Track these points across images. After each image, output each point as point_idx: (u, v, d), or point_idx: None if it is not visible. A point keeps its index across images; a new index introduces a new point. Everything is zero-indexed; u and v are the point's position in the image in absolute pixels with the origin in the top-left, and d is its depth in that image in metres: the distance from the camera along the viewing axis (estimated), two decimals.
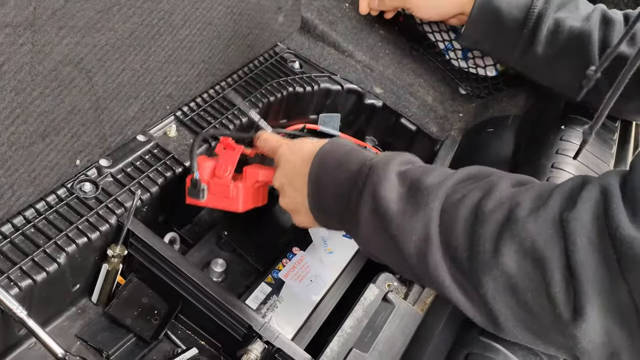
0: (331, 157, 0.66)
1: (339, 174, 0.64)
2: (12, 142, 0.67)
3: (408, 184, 0.59)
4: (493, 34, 0.87)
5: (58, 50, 0.69)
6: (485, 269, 0.51)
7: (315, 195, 0.66)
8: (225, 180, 0.76)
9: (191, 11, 0.87)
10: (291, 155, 0.71)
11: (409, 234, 0.56)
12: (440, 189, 0.57)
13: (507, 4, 0.85)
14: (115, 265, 0.76)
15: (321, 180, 0.66)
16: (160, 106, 0.87)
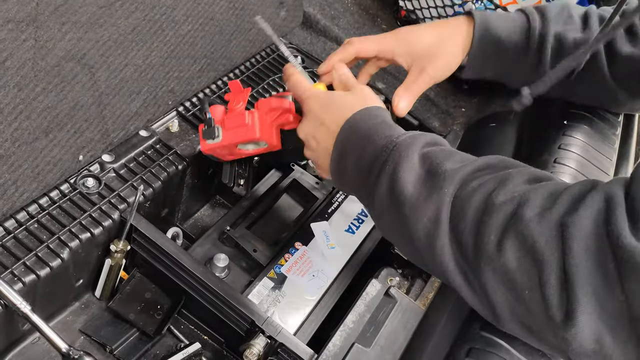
0: (361, 127, 0.66)
1: (365, 146, 0.64)
2: (15, 138, 0.67)
3: (427, 166, 0.60)
4: (497, 62, 0.85)
5: (61, 45, 0.69)
6: (487, 260, 0.52)
7: (339, 162, 0.67)
8: (239, 111, 0.75)
9: (193, 6, 0.87)
10: (320, 112, 0.70)
11: (420, 215, 0.57)
12: (456, 175, 0.57)
13: (506, 31, 0.83)
14: (118, 260, 0.76)
15: (347, 148, 0.66)
16: (162, 101, 0.87)
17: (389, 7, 1.24)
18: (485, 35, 0.83)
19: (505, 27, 0.83)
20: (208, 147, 0.77)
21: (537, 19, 0.83)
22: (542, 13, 0.84)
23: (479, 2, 1.06)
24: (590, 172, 0.84)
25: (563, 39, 0.82)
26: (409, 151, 0.61)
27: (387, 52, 0.82)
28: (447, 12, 1.10)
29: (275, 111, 0.76)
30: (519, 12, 0.86)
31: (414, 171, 0.60)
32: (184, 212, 0.92)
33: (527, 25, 0.84)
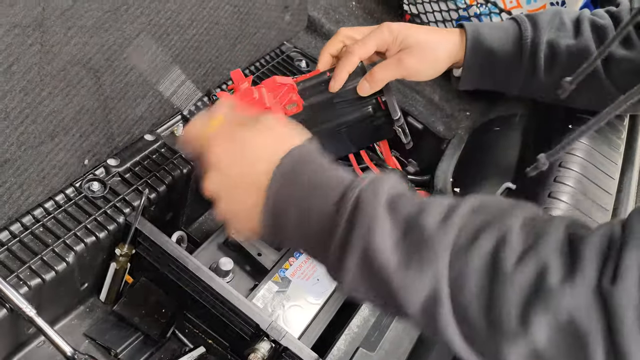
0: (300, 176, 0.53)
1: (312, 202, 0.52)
2: (21, 142, 0.67)
3: (403, 226, 0.49)
4: (491, 73, 0.85)
5: (66, 50, 0.69)
6: (508, 339, 0.45)
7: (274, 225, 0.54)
8: (247, 89, 0.76)
9: (198, 11, 0.87)
10: (229, 163, 0.56)
11: (413, 293, 0.47)
12: (446, 235, 0.47)
13: (498, 40, 0.83)
14: (123, 264, 0.76)
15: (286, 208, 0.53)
16: (167, 105, 0.87)
17: (393, 11, 1.24)
18: (478, 46, 0.82)
19: (497, 36, 0.83)
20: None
21: (528, 28, 0.83)
22: (533, 21, 0.84)
23: (483, 6, 1.06)
24: (595, 175, 0.83)
25: (556, 46, 0.82)
26: (375, 207, 0.49)
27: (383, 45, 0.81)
28: (452, 15, 1.10)
29: (281, 87, 0.77)
30: (511, 20, 0.86)
31: (389, 235, 0.49)
32: (189, 216, 0.92)
33: (519, 34, 0.83)
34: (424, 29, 0.83)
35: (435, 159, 1.00)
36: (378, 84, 0.78)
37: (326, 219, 0.51)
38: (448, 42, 0.83)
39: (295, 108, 0.78)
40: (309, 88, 0.80)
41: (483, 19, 1.07)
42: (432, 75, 0.83)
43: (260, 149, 0.55)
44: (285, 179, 0.53)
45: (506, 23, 0.86)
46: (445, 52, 0.82)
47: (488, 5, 1.05)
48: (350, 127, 0.81)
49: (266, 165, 0.54)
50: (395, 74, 0.79)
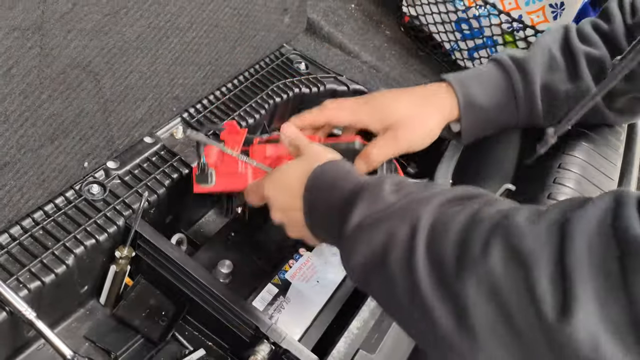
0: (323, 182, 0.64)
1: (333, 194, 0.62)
2: (21, 145, 0.67)
3: (401, 196, 0.57)
4: (491, 126, 0.83)
5: (66, 53, 0.69)
6: (470, 269, 0.48)
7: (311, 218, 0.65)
8: (233, 158, 0.76)
9: (197, 13, 0.87)
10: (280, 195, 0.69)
11: (394, 237, 0.53)
12: (433, 198, 0.55)
13: (491, 99, 0.80)
14: (123, 266, 0.76)
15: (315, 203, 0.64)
16: (167, 108, 0.87)
17: (392, 13, 1.24)
18: (471, 108, 0.80)
19: (489, 95, 0.80)
20: (200, 190, 0.78)
21: (519, 80, 0.80)
22: (523, 69, 0.80)
23: (482, 7, 1.06)
24: (594, 177, 0.83)
25: (553, 91, 0.80)
26: (379, 186, 0.59)
27: (359, 123, 0.80)
28: (451, 17, 1.10)
29: (269, 159, 0.77)
30: (499, 69, 0.81)
31: (387, 200, 0.57)
32: (189, 219, 0.92)
33: (510, 88, 0.80)
34: (407, 100, 0.79)
35: (434, 161, 1.00)
36: (375, 164, 0.77)
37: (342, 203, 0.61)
38: (437, 110, 0.80)
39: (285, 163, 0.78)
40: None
41: (482, 20, 1.07)
42: (429, 142, 0.81)
43: (297, 175, 0.67)
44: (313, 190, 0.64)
45: (495, 74, 0.81)
46: (437, 122, 0.80)
47: (487, 7, 1.05)
48: None
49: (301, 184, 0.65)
50: (393, 152, 0.78)
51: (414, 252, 0.51)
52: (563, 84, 0.79)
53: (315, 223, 0.65)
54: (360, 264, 0.57)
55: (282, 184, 0.69)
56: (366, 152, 0.76)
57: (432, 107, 0.80)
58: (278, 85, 1.00)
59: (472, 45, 1.11)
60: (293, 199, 0.66)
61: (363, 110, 0.79)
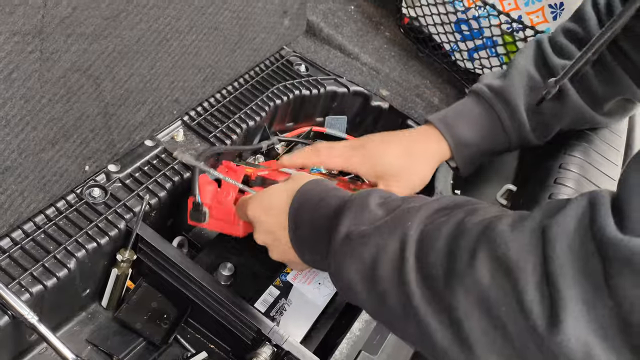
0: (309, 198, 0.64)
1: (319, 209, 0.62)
2: (22, 149, 0.68)
3: (387, 209, 0.57)
4: (486, 155, 0.84)
5: (66, 57, 0.69)
6: (459, 281, 0.47)
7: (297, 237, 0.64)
8: (227, 206, 0.76)
9: (197, 16, 0.87)
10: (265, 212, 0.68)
11: (383, 251, 0.53)
12: (420, 210, 0.54)
13: (480, 135, 0.81)
14: (124, 269, 0.76)
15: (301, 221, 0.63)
16: (167, 111, 0.87)
17: (392, 15, 1.24)
18: (461, 146, 0.81)
19: (477, 133, 0.81)
20: (194, 224, 0.79)
21: (503, 110, 0.80)
22: (505, 100, 0.80)
23: (482, 8, 1.06)
24: (595, 177, 0.83)
25: (537, 111, 0.80)
26: (366, 201, 0.58)
27: (351, 170, 0.81)
28: (450, 18, 1.10)
29: None
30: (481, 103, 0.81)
31: (373, 215, 0.57)
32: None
33: (496, 120, 0.81)
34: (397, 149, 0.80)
35: None
36: None
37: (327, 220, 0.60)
38: (428, 154, 0.81)
39: None
40: None
41: (482, 21, 1.07)
42: (423, 186, 0.82)
43: (281, 195, 0.67)
44: (299, 208, 0.64)
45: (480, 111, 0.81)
46: (428, 165, 0.82)
47: (486, 8, 1.05)
48: None
49: (286, 203, 0.65)
50: None
51: (405, 266, 0.51)
52: (547, 104, 0.79)
53: (301, 241, 0.64)
54: (350, 280, 0.56)
55: (267, 204, 0.68)
56: None
57: (422, 157, 0.81)
58: (278, 87, 1.00)
59: (472, 46, 1.11)
60: (278, 218, 0.65)
61: (355, 158, 0.80)
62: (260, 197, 0.70)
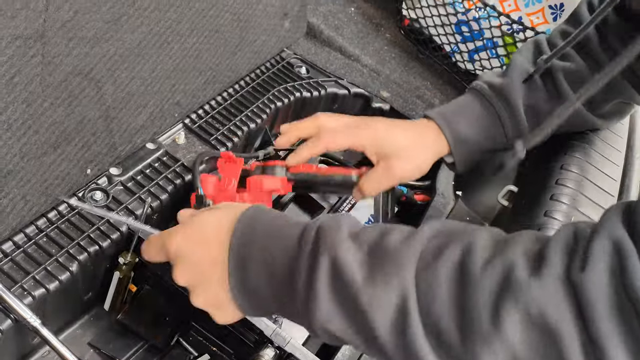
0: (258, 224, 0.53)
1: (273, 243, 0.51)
2: (24, 153, 0.68)
3: (366, 248, 0.49)
4: (482, 154, 0.84)
5: (68, 61, 0.70)
6: (482, 342, 0.43)
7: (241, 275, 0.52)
8: (230, 192, 0.76)
9: (198, 19, 0.87)
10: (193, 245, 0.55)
11: (382, 308, 0.46)
12: (409, 249, 0.48)
13: (478, 131, 0.80)
14: (126, 272, 0.76)
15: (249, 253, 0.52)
16: (168, 114, 0.87)
17: (392, 17, 1.24)
18: (459, 142, 0.81)
19: (475, 129, 0.81)
20: None
21: (502, 107, 0.80)
22: (505, 98, 0.80)
23: (482, 10, 1.06)
24: (596, 177, 0.83)
25: (536, 111, 0.80)
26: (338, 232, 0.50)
27: (358, 147, 0.78)
28: (451, 20, 1.10)
29: (266, 192, 0.78)
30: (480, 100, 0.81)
31: (354, 254, 0.48)
32: None
33: (495, 117, 0.81)
34: (403, 132, 0.80)
35: (436, 163, 1.00)
36: (371, 195, 0.78)
37: (290, 254, 0.50)
38: (431, 144, 0.80)
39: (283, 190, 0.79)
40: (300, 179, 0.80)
41: (482, 22, 1.07)
42: (418, 176, 0.81)
43: (215, 223, 0.55)
44: (245, 236, 0.53)
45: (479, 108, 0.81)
46: (430, 155, 0.81)
47: (487, 9, 1.06)
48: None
49: (224, 236, 0.53)
50: (386, 185, 0.78)
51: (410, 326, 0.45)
52: (545, 104, 0.79)
53: (246, 280, 0.52)
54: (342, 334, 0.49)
55: (197, 235, 0.56)
56: (359, 186, 0.78)
57: (424, 143, 0.80)
58: (279, 89, 1.00)
59: (472, 48, 1.11)
60: (210, 251, 0.54)
61: (361, 136, 0.78)
62: (187, 226, 0.57)
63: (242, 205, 0.56)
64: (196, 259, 0.55)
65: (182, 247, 0.56)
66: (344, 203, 0.93)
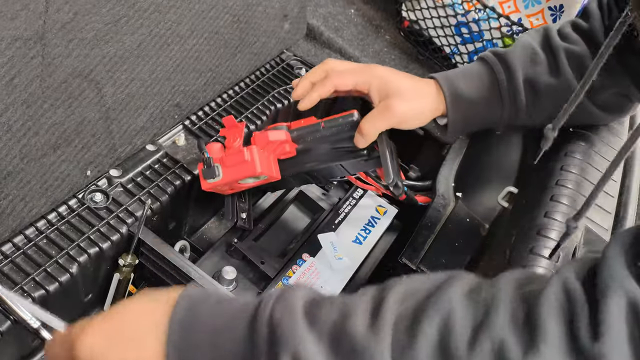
0: (199, 320, 0.44)
1: (221, 343, 0.43)
2: (24, 155, 0.68)
3: (329, 338, 0.42)
4: (475, 121, 0.84)
5: (68, 62, 0.70)
6: None
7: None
8: (237, 148, 0.76)
9: (198, 21, 0.87)
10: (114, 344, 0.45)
11: None
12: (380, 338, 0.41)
13: (476, 91, 0.81)
14: (126, 274, 0.76)
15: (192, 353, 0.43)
16: (168, 115, 0.87)
17: (392, 18, 1.24)
18: (457, 101, 0.81)
19: (474, 88, 0.82)
20: (209, 186, 0.77)
21: (501, 71, 0.81)
22: (505, 63, 0.82)
23: (481, 11, 1.06)
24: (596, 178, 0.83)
25: (535, 84, 0.81)
26: (294, 325, 0.42)
27: (363, 86, 0.79)
28: (450, 21, 1.10)
29: (273, 144, 0.77)
30: (483, 64, 0.83)
31: (317, 350, 0.41)
32: (191, 225, 0.92)
33: (494, 80, 0.82)
34: (407, 77, 0.81)
35: (436, 164, 1.00)
36: (370, 137, 0.77)
37: (243, 355, 0.43)
38: (431, 96, 0.81)
39: (289, 154, 0.79)
40: (303, 135, 0.79)
41: (482, 24, 1.07)
42: (417, 125, 0.81)
43: (142, 312, 0.45)
44: (184, 331, 0.43)
45: (479, 68, 0.83)
46: (429, 104, 0.81)
47: (486, 11, 1.06)
48: (345, 163, 0.82)
49: (155, 327, 0.44)
50: (384, 124, 0.77)
51: None
52: (544, 77, 0.81)
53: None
54: None
55: (118, 329, 0.45)
56: (360, 127, 0.77)
57: (423, 92, 0.81)
58: (279, 91, 1.01)
59: (472, 49, 1.11)
60: (138, 351, 0.44)
61: (369, 73, 0.80)
62: (105, 319, 0.46)
63: (171, 291, 0.46)
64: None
65: (96, 347, 0.44)
66: (345, 203, 0.93)
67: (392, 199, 0.97)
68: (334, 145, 0.79)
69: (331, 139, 0.79)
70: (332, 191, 1.00)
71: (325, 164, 0.81)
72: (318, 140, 0.79)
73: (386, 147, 0.78)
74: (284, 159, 0.80)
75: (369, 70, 0.80)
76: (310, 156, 0.80)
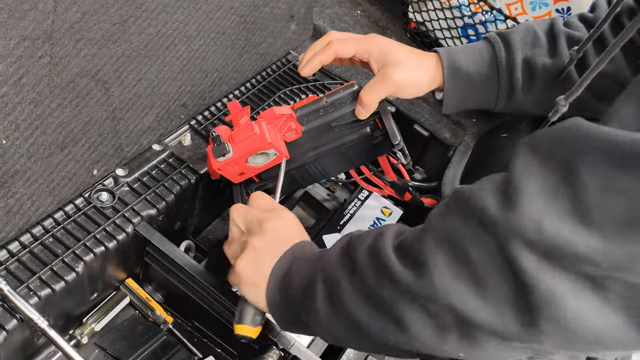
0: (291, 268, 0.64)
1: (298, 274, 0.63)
2: (31, 154, 0.68)
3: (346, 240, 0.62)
4: (471, 96, 0.86)
5: (75, 62, 0.70)
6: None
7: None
8: (245, 124, 0.76)
9: (205, 21, 0.88)
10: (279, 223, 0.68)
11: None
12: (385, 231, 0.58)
13: (474, 65, 0.84)
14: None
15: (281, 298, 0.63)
16: (175, 115, 0.87)
17: (398, 20, 1.24)
18: (455, 72, 0.83)
19: (472, 61, 0.83)
20: (219, 165, 0.77)
21: (502, 48, 0.83)
22: (506, 41, 0.84)
23: (488, 13, 1.06)
24: None
25: (532, 65, 0.82)
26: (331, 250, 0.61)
27: (363, 54, 0.82)
28: (457, 23, 1.10)
29: (280, 118, 0.78)
30: (485, 41, 0.86)
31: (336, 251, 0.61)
32: (197, 225, 0.93)
33: (493, 56, 0.83)
34: (407, 48, 0.83)
35: (442, 166, 1.00)
36: (370, 106, 0.78)
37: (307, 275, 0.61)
38: (429, 67, 0.83)
39: (294, 134, 0.79)
40: (307, 114, 0.80)
41: (489, 26, 1.07)
42: (414, 94, 0.82)
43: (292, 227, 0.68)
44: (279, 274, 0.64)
45: (480, 45, 0.86)
46: (426, 75, 0.82)
47: (493, 12, 1.05)
48: (349, 147, 0.82)
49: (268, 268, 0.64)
50: (382, 91, 0.78)
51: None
52: (542, 58, 0.83)
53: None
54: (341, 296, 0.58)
55: (285, 224, 0.68)
56: (359, 97, 0.79)
57: (422, 63, 0.83)
58: (285, 92, 1.01)
59: None
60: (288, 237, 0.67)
61: (369, 42, 0.82)
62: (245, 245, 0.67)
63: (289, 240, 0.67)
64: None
65: (241, 271, 0.65)
66: (350, 204, 0.93)
67: (397, 201, 0.97)
68: (337, 122, 0.80)
69: (334, 115, 0.80)
70: (338, 192, 1.00)
71: (330, 145, 0.82)
72: (322, 117, 0.80)
73: (388, 112, 0.80)
74: (291, 141, 0.80)
75: (369, 39, 0.83)
76: (315, 138, 0.81)
